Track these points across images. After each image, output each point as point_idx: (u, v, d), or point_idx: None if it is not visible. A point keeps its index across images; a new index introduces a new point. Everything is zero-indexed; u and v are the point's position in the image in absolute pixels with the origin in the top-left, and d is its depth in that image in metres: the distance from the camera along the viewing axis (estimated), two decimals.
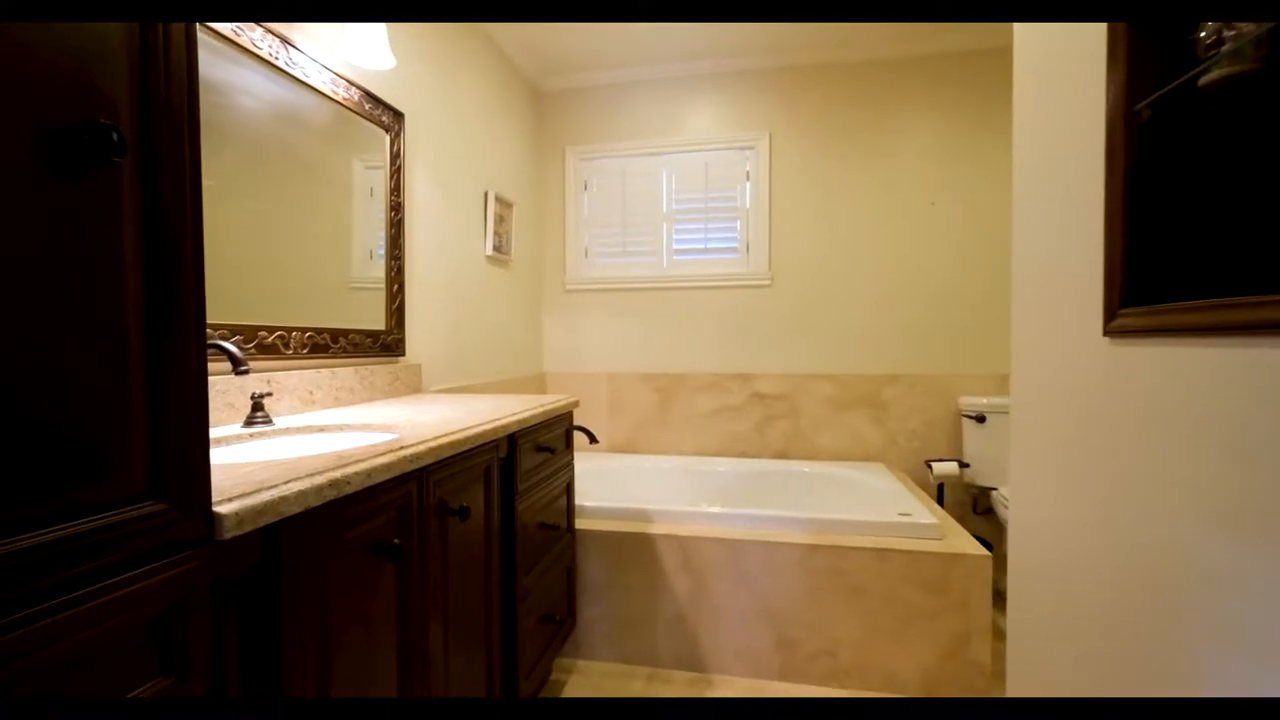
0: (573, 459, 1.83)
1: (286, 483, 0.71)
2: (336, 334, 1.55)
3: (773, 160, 2.82)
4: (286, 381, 1.37)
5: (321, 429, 1.23)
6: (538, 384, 2.93)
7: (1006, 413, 2.47)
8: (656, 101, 2.92)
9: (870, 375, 2.75)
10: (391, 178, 1.77)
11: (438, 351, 2.07)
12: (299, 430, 1.21)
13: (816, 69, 2.78)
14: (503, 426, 1.27)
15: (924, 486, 2.64)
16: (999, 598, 1.85)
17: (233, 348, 1.05)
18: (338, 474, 0.78)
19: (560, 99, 3.01)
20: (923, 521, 1.83)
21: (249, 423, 1.19)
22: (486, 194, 2.42)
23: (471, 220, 2.33)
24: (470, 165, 2.31)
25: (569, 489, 1.81)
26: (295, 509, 0.70)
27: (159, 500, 0.55)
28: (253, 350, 1.29)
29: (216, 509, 0.61)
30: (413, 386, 1.87)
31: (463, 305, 2.26)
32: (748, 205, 2.86)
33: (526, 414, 1.42)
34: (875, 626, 1.77)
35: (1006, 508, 2.23)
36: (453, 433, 1.10)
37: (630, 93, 2.95)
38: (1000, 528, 2.48)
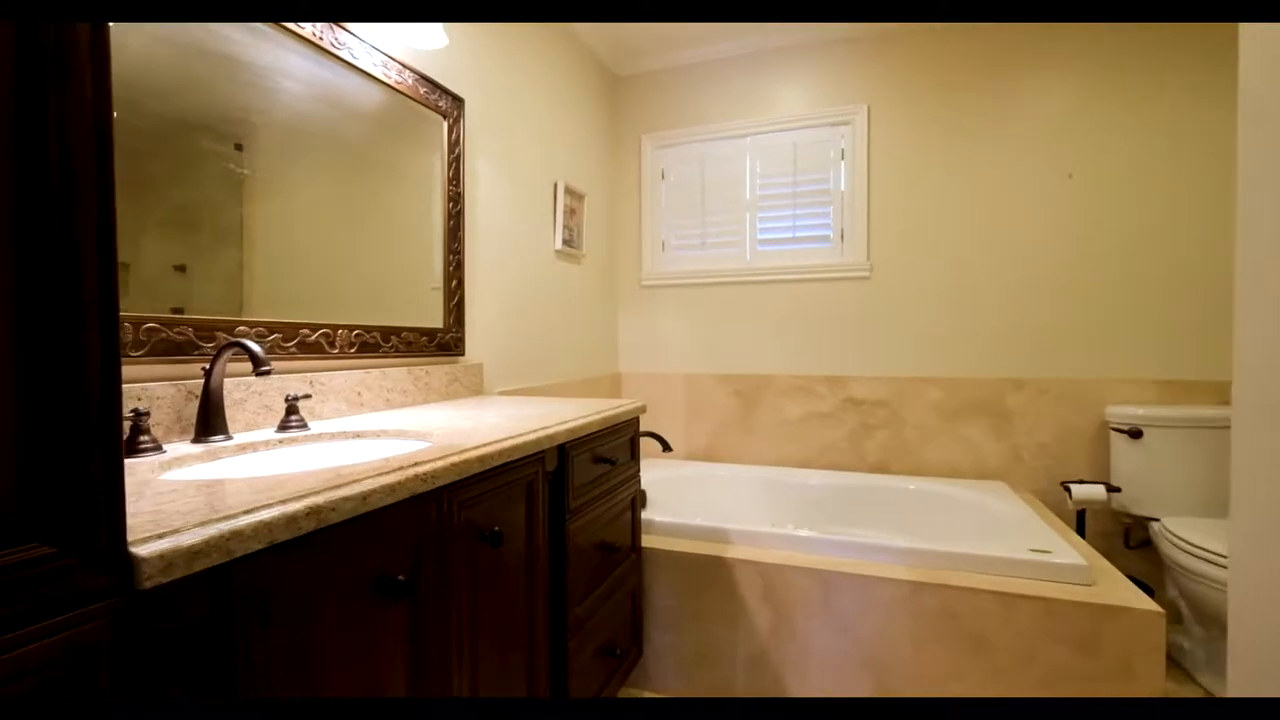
0: (638, 471, 1.65)
1: (248, 512, 0.57)
2: (388, 332, 1.46)
3: (871, 136, 2.49)
4: (331, 382, 1.29)
5: (357, 435, 1.13)
6: (611, 385, 2.79)
7: (1172, 427, 2.02)
8: (739, 80, 2.68)
9: (989, 379, 2.36)
10: (450, 166, 1.68)
11: (501, 351, 1.97)
12: (332, 436, 1.11)
13: (925, 32, 2.42)
14: (549, 436, 1.11)
15: (1059, 513, 2.22)
16: (1172, 663, 1.47)
17: (254, 346, 0.96)
18: (321, 499, 0.64)
19: (637, 84, 2.85)
20: (1065, 561, 1.48)
21: (283, 427, 1.10)
22: (556, 185, 2.30)
23: (539, 213, 2.21)
24: (538, 155, 2.19)
25: (634, 504, 1.63)
26: (255, 545, 0.56)
27: (42, 542, 0.43)
28: (293, 349, 1.21)
29: (135, 550, 0.48)
30: (473, 388, 1.77)
31: (529, 302, 2.14)
32: (842, 188, 2.55)
33: (579, 421, 1.25)
34: (1003, 686, 1.45)
35: (1176, 546, 1.80)
36: (484, 445, 0.95)
37: (711, 72, 2.73)
38: (1160, 568, 2.03)
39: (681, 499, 2.48)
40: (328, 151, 1.32)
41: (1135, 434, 2.06)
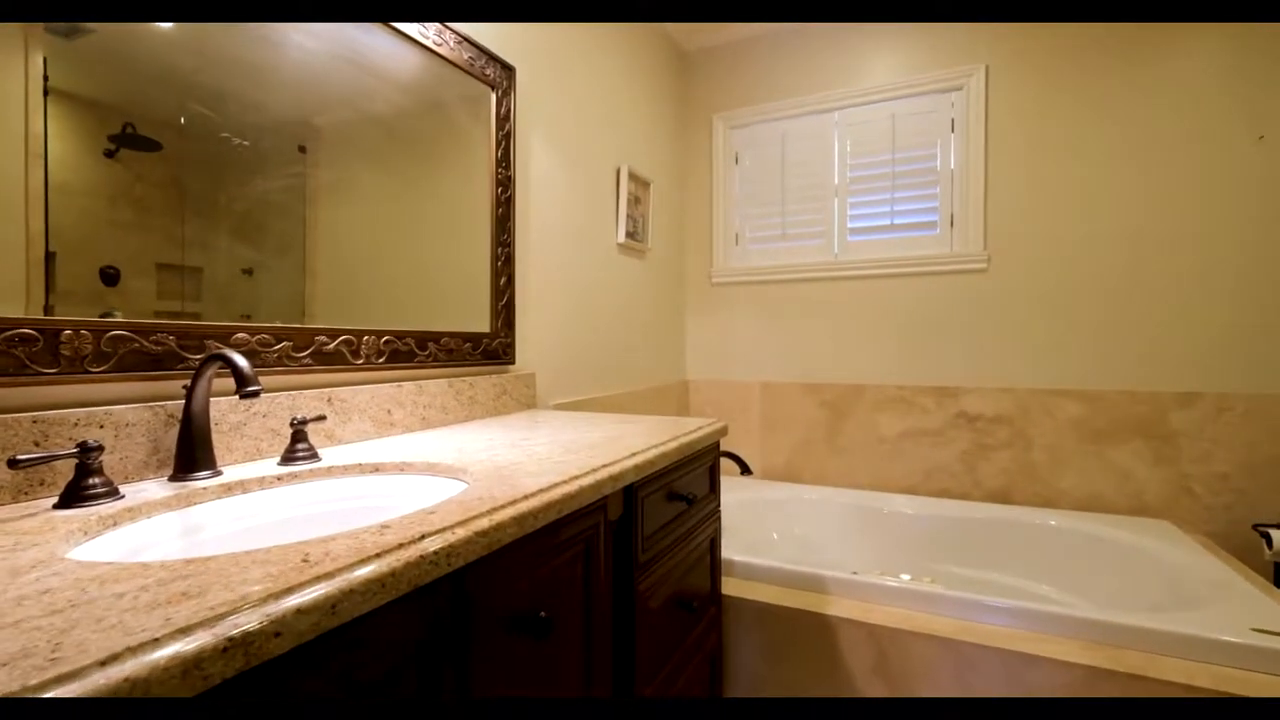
0: (719, 505, 1.36)
1: (104, 664, 0.33)
2: (424, 338, 1.24)
3: (989, 103, 2.10)
4: (355, 399, 1.08)
5: (376, 468, 0.90)
6: (679, 394, 2.50)
7: None
8: (825, 46, 2.34)
9: (1147, 392, 1.91)
10: (499, 145, 1.44)
11: (557, 358, 1.72)
12: (344, 470, 0.88)
13: None
14: (613, 477, 0.84)
15: (1251, 565, 1.76)
16: None
17: (238, 359, 0.74)
18: (255, 622, 0.39)
19: (706, 59, 2.56)
20: None
21: (287, 458, 0.88)
22: (619, 170, 2.04)
23: (600, 201, 1.96)
24: (599, 136, 1.94)
25: (714, 546, 1.34)
26: None
27: None
28: (307, 360, 1.00)
29: None
30: (525, 401, 1.53)
31: (588, 302, 1.89)
32: (952, 166, 2.16)
33: (652, 452, 0.98)
34: None
35: None
36: (526, 497, 0.69)
37: (790, 40, 2.40)
38: None
39: (762, 527, 2.16)
40: (348, 121, 1.10)
41: None
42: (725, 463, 2.39)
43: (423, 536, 0.55)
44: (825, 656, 1.36)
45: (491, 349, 1.43)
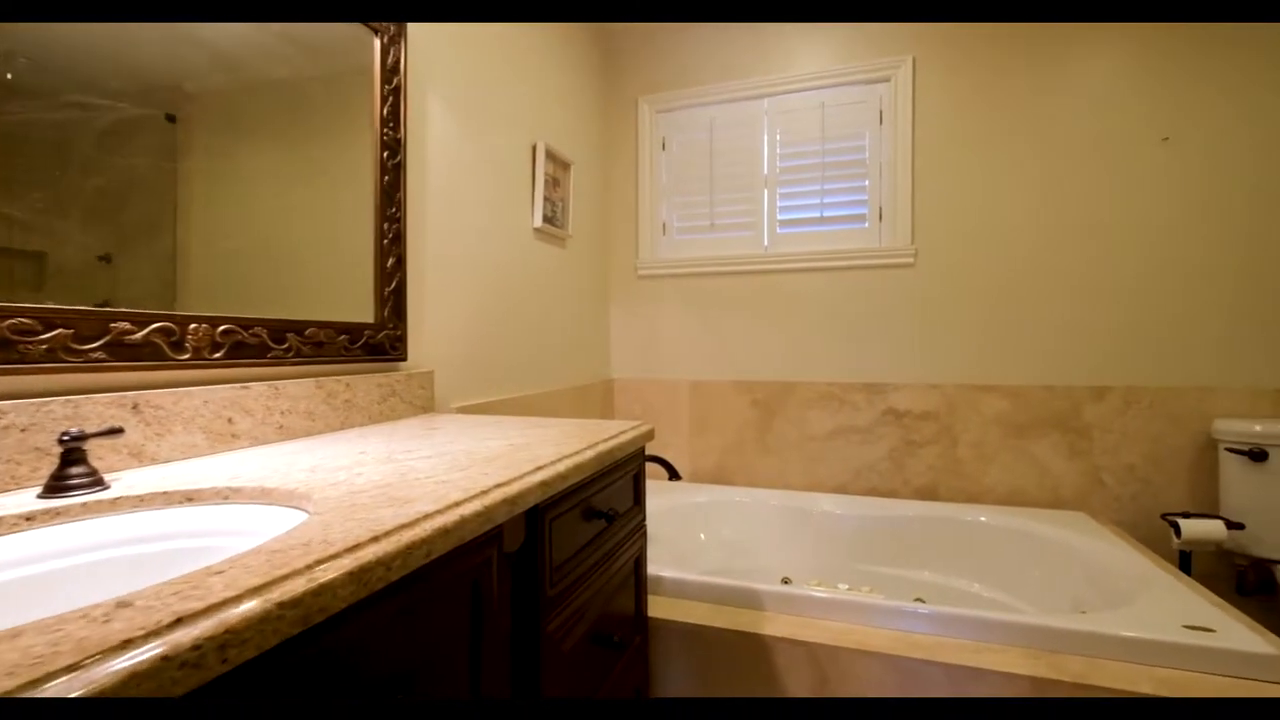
0: (645, 519, 1.21)
1: None
2: (281, 328, 1.00)
3: (917, 95, 2.07)
4: (178, 406, 0.83)
5: (189, 498, 0.67)
6: (603, 394, 2.34)
7: None
8: (755, 30, 2.25)
9: (1064, 387, 1.94)
10: (385, 101, 1.22)
11: (462, 354, 1.51)
12: (139, 503, 0.65)
13: None
14: (509, 499, 0.66)
15: (1159, 552, 1.81)
16: None
17: None
18: None
19: (634, 37, 2.41)
20: (1246, 649, 1.06)
21: (54, 488, 0.64)
22: (535, 147, 1.85)
23: (514, 180, 1.76)
24: (511, 106, 1.74)
25: (639, 565, 1.18)
26: None
27: None
28: (97, 354, 0.75)
29: None
30: (420, 404, 1.31)
31: (501, 292, 1.69)
32: (881, 158, 2.12)
33: (563, 464, 0.80)
34: None
35: None
36: (368, 541, 0.50)
37: (720, 23, 2.29)
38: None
39: (691, 535, 2.04)
40: (235, 93, 0.86)
41: (1258, 455, 1.65)
42: (652, 468, 2.25)
43: (177, 621, 0.35)
44: (763, 681, 1.23)
45: (376, 343, 1.20)
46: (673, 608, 1.33)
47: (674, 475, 1.82)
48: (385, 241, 1.22)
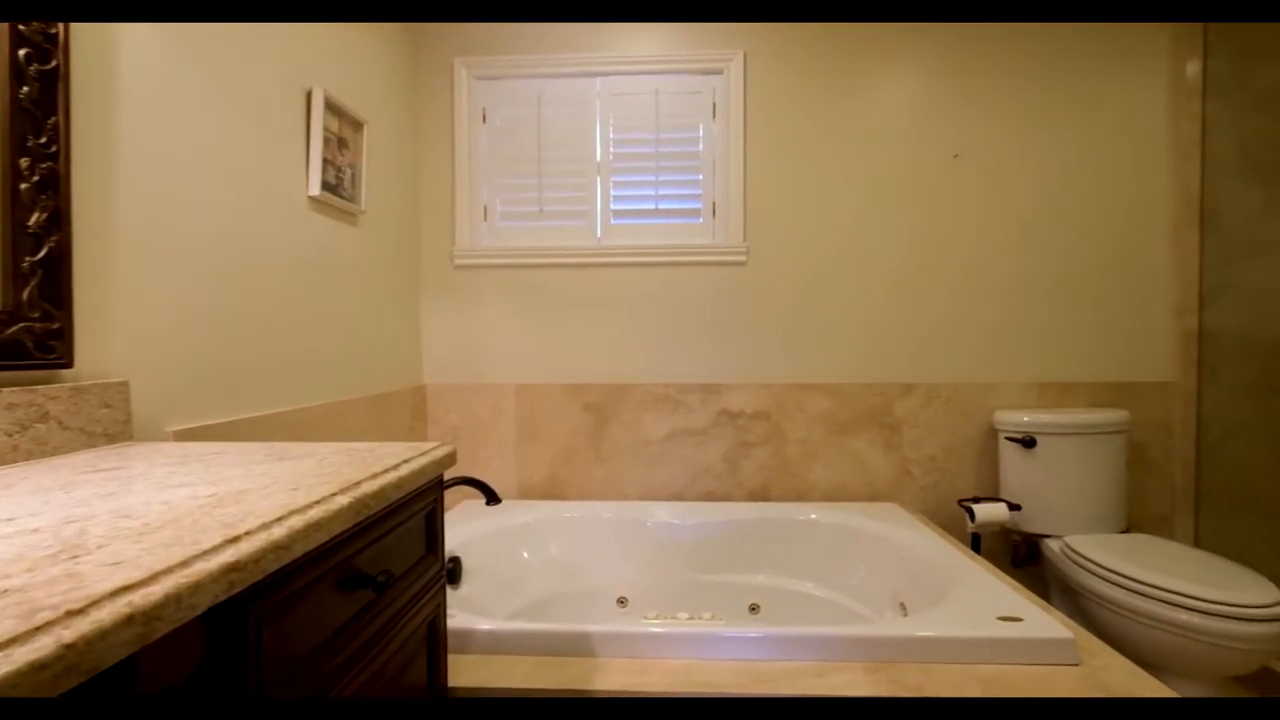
0: (442, 568, 0.94)
1: None
2: None
3: (749, 90, 2.04)
4: None
5: None
6: (413, 403, 1.99)
7: (1067, 434, 1.84)
8: None
9: (879, 384, 2.04)
10: None
11: (187, 359, 1.10)
12: None
13: None
14: (140, 613, 0.37)
15: (952, 531, 1.97)
16: None
17: None
18: None
19: None
20: (1049, 636, 1.10)
21: None
22: (309, 94, 1.46)
23: (280, 134, 1.36)
24: (281, 40, 1.34)
25: (436, 626, 0.91)
26: None
27: None
28: None
29: None
30: (100, 430, 0.90)
31: (257, 274, 1.29)
32: (715, 152, 2.07)
33: (278, 532, 0.52)
34: None
35: (1084, 568, 1.59)
36: None
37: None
38: (1045, 586, 1.85)
39: (514, 566, 1.79)
40: None
41: (1029, 443, 1.85)
42: (466, 491, 1.95)
43: None
44: None
45: (7, 340, 0.78)
46: (488, 668, 1.08)
47: (492, 499, 1.56)
48: (24, 187, 0.80)
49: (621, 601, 1.81)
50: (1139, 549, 1.64)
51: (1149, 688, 1.01)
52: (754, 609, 1.80)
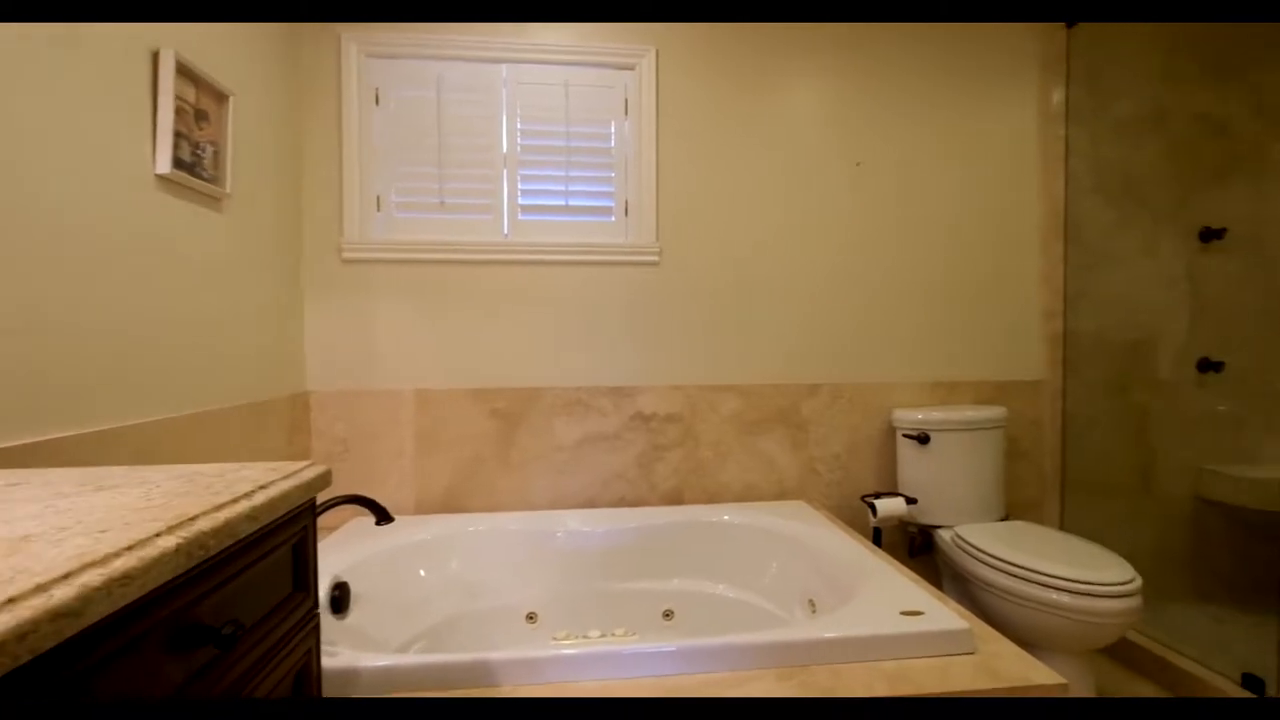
0: (315, 606, 0.82)
1: None
2: None
3: (661, 88, 2.01)
4: None
5: None
6: (291, 414, 1.78)
7: (956, 430, 1.96)
8: None
9: (786, 385, 2.08)
10: None
11: None
12: None
13: None
14: None
15: (855, 526, 2.04)
16: None
17: None
18: None
19: None
20: (947, 627, 1.14)
21: None
22: (158, 56, 1.26)
23: (116, 101, 1.15)
24: None
25: (306, 674, 0.79)
26: None
27: None
28: None
29: None
30: None
31: (85, 261, 1.08)
32: (627, 150, 2.02)
33: (59, 595, 0.40)
34: None
35: (974, 557, 1.69)
36: None
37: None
38: (939, 575, 1.96)
39: (411, 588, 1.64)
40: None
41: (924, 439, 1.96)
42: (355, 511, 1.78)
43: None
44: None
45: None
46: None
47: (383, 518, 1.41)
48: None
49: (531, 617, 1.72)
50: (1016, 535, 1.76)
51: (1036, 671, 1.07)
52: (668, 615, 1.77)
